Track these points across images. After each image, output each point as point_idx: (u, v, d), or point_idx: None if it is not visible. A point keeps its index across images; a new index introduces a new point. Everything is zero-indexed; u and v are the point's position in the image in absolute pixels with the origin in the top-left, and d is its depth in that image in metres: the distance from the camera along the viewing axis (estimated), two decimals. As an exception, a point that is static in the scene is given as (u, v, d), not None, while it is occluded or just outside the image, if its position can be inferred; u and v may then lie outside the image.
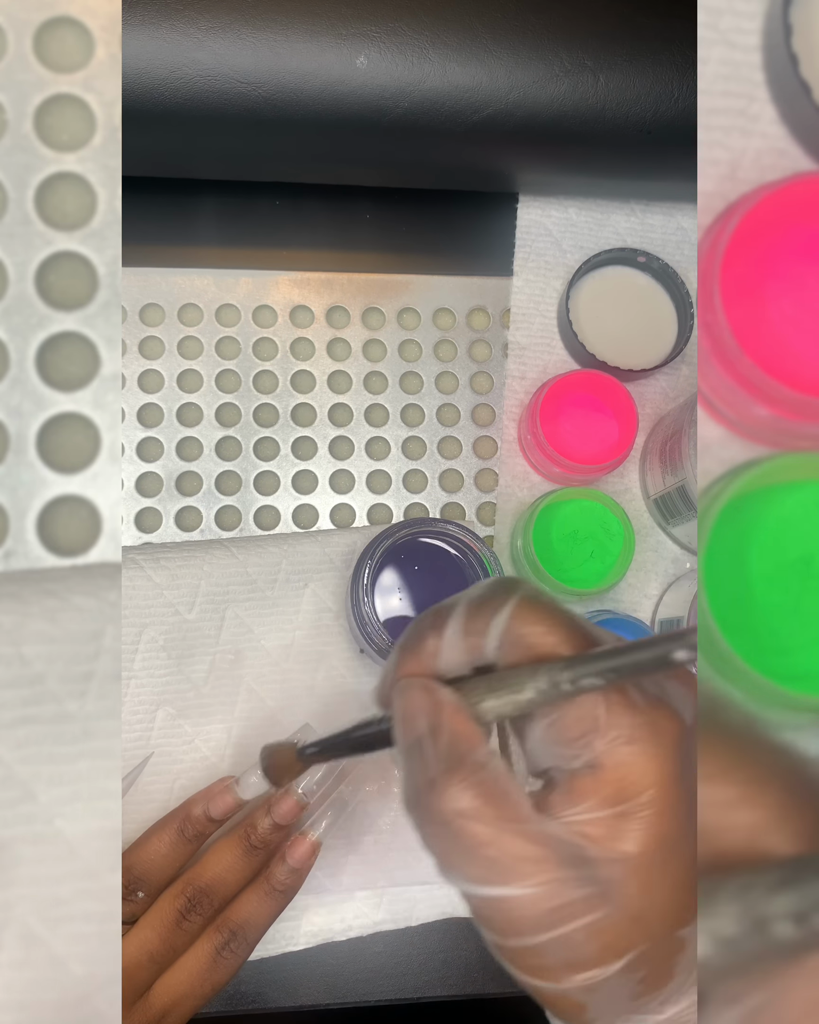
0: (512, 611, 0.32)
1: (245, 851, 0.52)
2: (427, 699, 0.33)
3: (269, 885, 0.52)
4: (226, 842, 0.52)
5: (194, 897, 0.50)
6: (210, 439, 0.65)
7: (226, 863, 0.51)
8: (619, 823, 0.30)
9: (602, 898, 0.29)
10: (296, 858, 0.52)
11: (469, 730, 0.32)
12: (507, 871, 0.30)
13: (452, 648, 0.34)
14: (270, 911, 0.52)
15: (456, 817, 0.30)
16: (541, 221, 0.69)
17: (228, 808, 0.52)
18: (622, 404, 0.64)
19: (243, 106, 0.56)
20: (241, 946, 0.51)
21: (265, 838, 0.52)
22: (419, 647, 0.34)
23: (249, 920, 0.51)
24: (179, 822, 0.52)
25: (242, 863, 0.51)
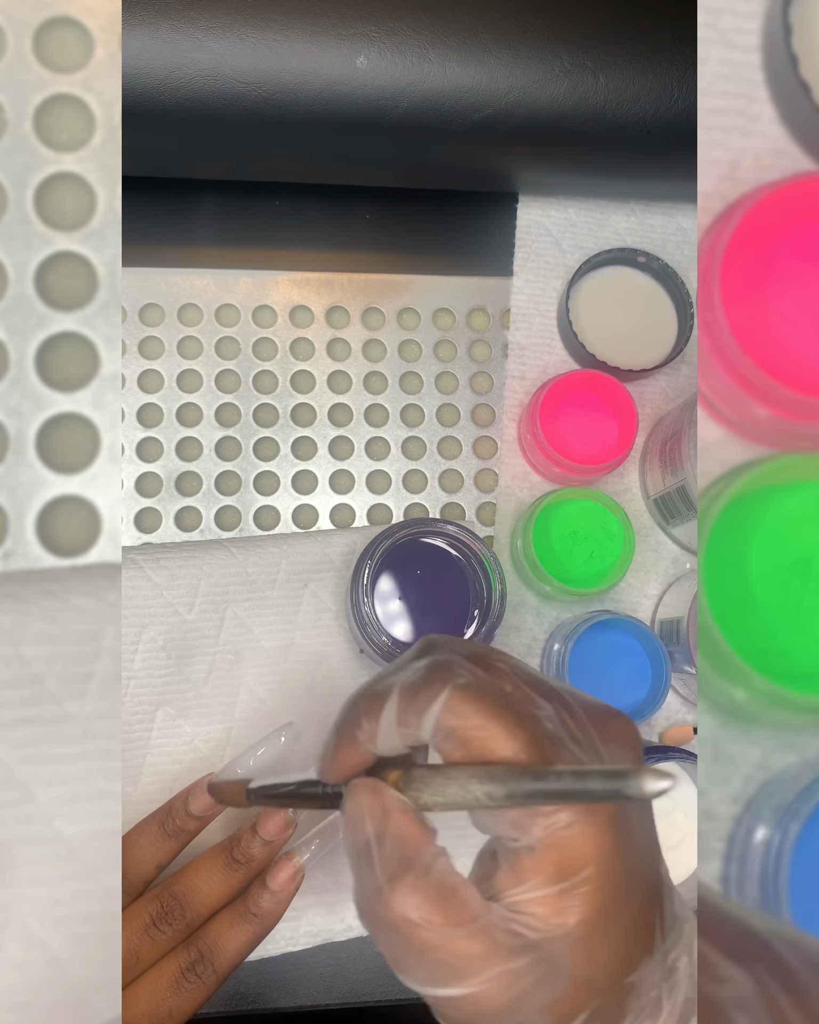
0: (444, 704, 0.33)
1: (226, 863, 0.50)
2: (373, 802, 0.34)
3: (245, 907, 0.49)
4: (209, 854, 0.51)
5: (167, 903, 0.48)
6: (210, 439, 0.65)
7: (204, 874, 0.49)
8: (561, 900, 0.31)
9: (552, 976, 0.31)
10: (277, 882, 0.49)
11: (414, 832, 0.33)
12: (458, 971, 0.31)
13: (388, 735, 0.34)
14: (243, 937, 0.49)
15: (404, 924, 0.31)
16: (541, 221, 0.69)
17: (207, 804, 0.50)
18: (622, 404, 0.64)
19: (243, 106, 0.56)
20: (207, 971, 0.47)
21: (248, 853, 0.50)
22: (355, 732, 0.35)
23: (217, 942, 0.48)
24: (161, 816, 0.51)
25: (221, 875, 0.49)
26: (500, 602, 0.55)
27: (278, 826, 0.50)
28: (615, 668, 0.62)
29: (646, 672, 0.62)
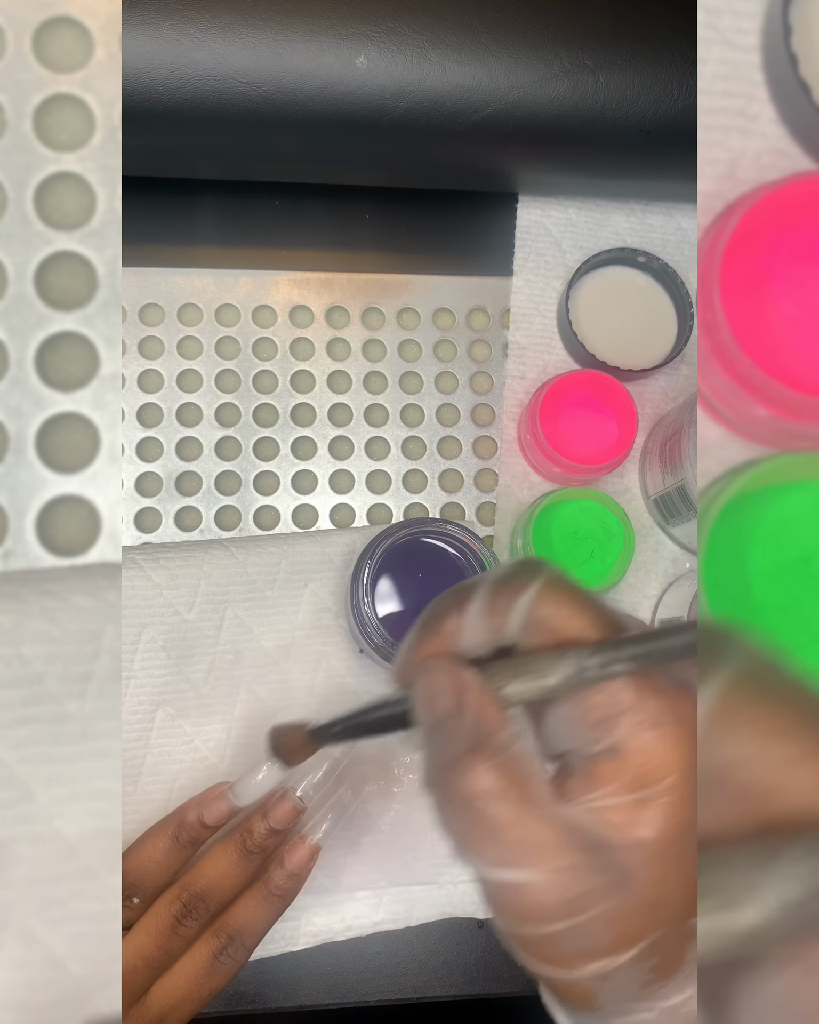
0: (537, 592, 0.32)
1: (241, 856, 0.51)
2: (452, 679, 0.32)
3: (267, 890, 0.51)
4: (222, 847, 0.51)
5: (189, 903, 0.49)
6: (210, 439, 0.65)
7: (221, 868, 0.50)
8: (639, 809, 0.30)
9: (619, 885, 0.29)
10: (294, 863, 0.51)
11: (493, 711, 0.31)
12: (527, 854, 0.29)
13: (474, 628, 0.33)
14: (268, 916, 0.51)
15: (478, 797, 0.30)
16: (541, 221, 0.69)
17: (222, 815, 0.51)
18: (622, 404, 0.64)
19: (243, 106, 0.56)
20: (239, 951, 0.50)
21: (261, 843, 0.51)
22: (440, 626, 0.34)
23: (247, 925, 0.50)
24: (174, 828, 0.51)
25: (238, 868, 0.50)
26: (500, 602, 0.55)
27: (288, 814, 0.51)
28: (615, 668, 0.62)
29: (646, 672, 0.62)
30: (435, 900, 0.60)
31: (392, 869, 0.59)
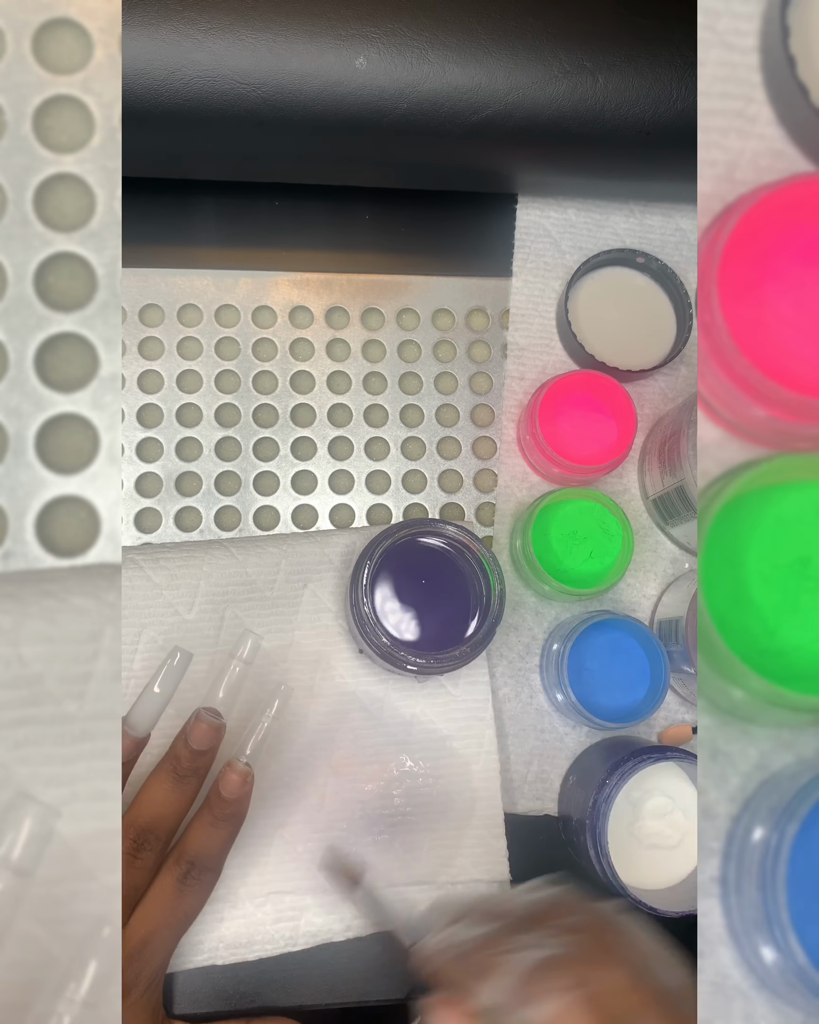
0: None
1: (175, 782, 0.51)
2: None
3: (212, 816, 0.51)
4: (156, 777, 0.52)
5: (138, 837, 0.50)
6: (209, 439, 0.65)
7: (159, 798, 0.51)
8: None
9: None
10: (229, 790, 0.51)
11: None
12: None
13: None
14: (222, 839, 0.52)
15: None
16: (540, 222, 0.69)
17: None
18: (621, 405, 0.64)
19: (242, 107, 0.56)
20: (203, 873, 0.51)
21: (191, 766, 0.51)
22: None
23: (202, 851, 0.51)
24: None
25: (176, 794, 0.51)
26: (499, 602, 0.56)
27: (207, 734, 0.52)
28: (614, 668, 0.62)
29: (645, 672, 0.62)
30: (435, 900, 0.60)
31: (391, 870, 0.59)
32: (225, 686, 0.56)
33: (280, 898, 0.59)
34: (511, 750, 0.63)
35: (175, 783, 0.51)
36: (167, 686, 0.52)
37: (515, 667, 0.64)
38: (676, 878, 0.60)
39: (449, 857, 0.60)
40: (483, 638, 0.55)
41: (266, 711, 0.54)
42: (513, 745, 0.64)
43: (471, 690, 0.62)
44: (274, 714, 0.54)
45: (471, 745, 0.62)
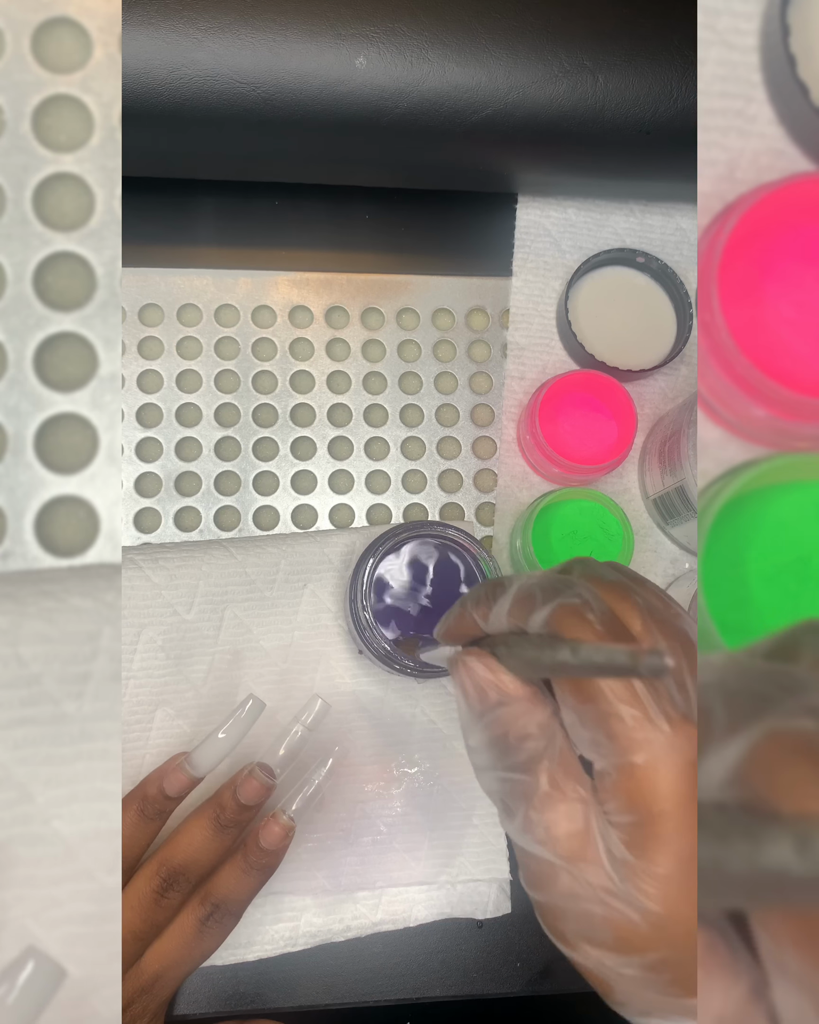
0: (549, 615, 0.34)
1: (216, 831, 0.51)
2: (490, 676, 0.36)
3: (246, 863, 0.51)
4: (197, 821, 0.52)
5: (169, 877, 0.50)
6: (209, 439, 0.65)
7: (198, 843, 0.51)
8: (638, 832, 0.31)
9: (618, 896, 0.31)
10: (269, 841, 0.51)
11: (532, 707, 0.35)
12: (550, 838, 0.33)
13: (497, 621, 0.37)
14: (251, 887, 0.52)
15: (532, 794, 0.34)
16: (540, 221, 0.69)
17: (183, 786, 0.52)
18: (621, 404, 0.64)
19: (242, 106, 0.56)
20: (225, 917, 0.51)
21: (234, 818, 0.51)
22: (473, 612, 0.38)
23: (230, 896, 0.51)
24: (138, 803, 0.52)
25: (214, 843, 0.51)
26: (499, 602, 0.55)
27: (256, 791, 0.51)
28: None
29: (645, 672, 0.62)
30: (434, 901, 0.60)
31: (390, 869, 0.59)
32: (286, 745, 0.55)
33: (279, 899, 0.59)
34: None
35: (216, 831, 0.51)
36: (234, 733, 0.52)
37: (515, 667, 0.64)
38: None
39: (449, 857, 0.60)
40: (483, 638, 0.55)
41: (318, 768, 0.54)
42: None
43: (471, 690, 0.62)
44: (327, 772, 0.54)
45: (471, 745, 0.62)
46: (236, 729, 0.52)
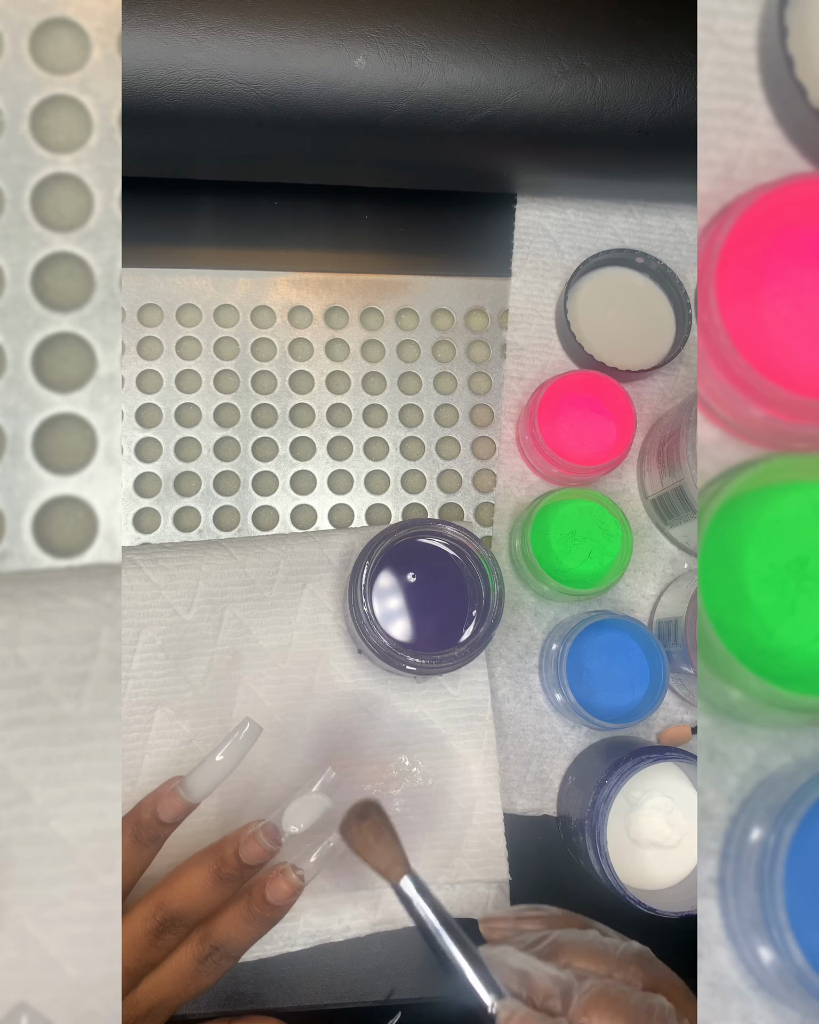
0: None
1: (215, 882, 0.49)
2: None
3: (250, 912, 0.49)
4: (196, 869, 0.50)
5: (165, 921, 0.48)
6: (208, 439, 0.65)
7: (196, 892, 0.49)
8: None
9: None
10: (276, 897, 0.49)
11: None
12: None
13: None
14: (252, 934, 0.50)
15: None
16: (539, 222, 0.69)
17: (177, 811, 0.50)
18: (620, 405, 0.64)
19: (241, 107, 0.56)
20: (224, 959, 0.50)
21: (235, 873, 0.49)
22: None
23: (230, 941, 0.49)
24: (132, 827, 0.50)
25: (214, 894, 0.49)
26: (498, 602, 0.55)
27: (260, 855, 0.49)
28: (613, 668, 0.62)
29: (644, 672, 0.62)
30: (433, 901, 0.60)
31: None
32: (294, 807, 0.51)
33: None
34: (510, 750, 0.63)
35: (215, 883, 0.49)
36: (231, 757, 0.50)
37: (514, 667, 0.64)
38: (675, 878, 0.60)
39: (448, 857, 0.60)
40: (482, 638, 0.55)
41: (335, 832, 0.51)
42: (512, 745, 0.64)
43: (470, 690, 0.62)
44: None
45: (470, 745, 0.62)
46: (233, 752, 0.50)
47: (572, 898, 0.56)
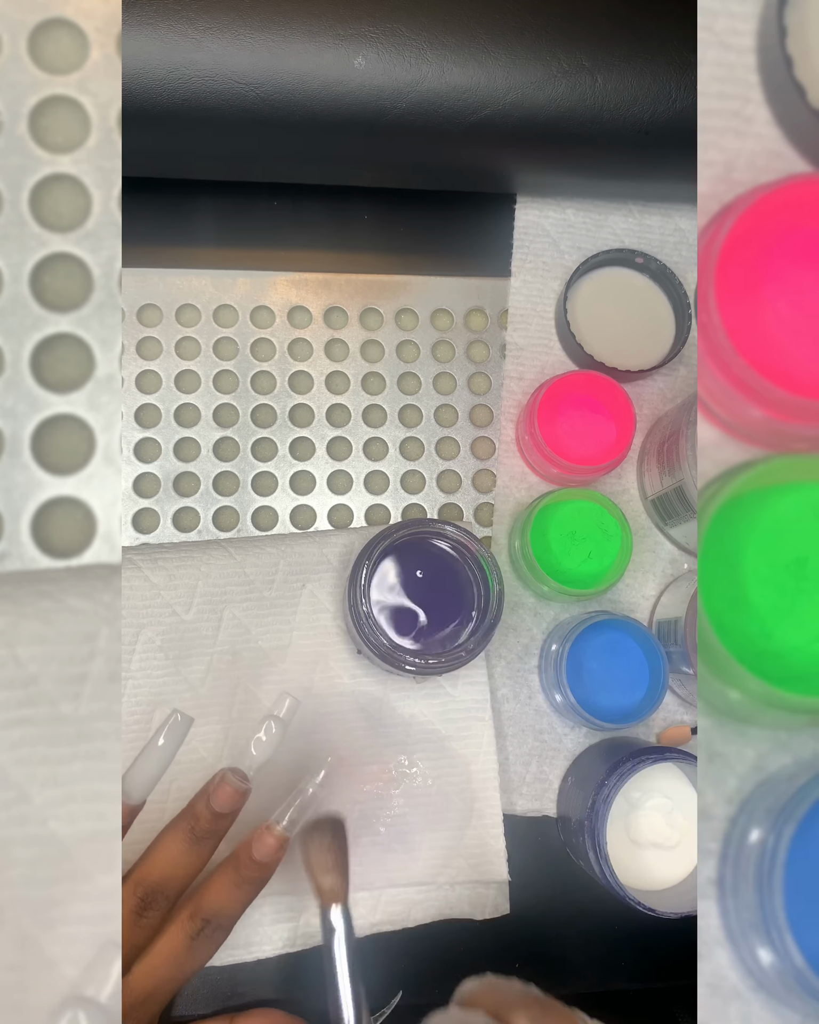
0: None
1: (191, 843, 0.50)
2: None
3: (238, 876, 0.50)
4: (171, 835, 0.50)
5: (146, 896, 0.48)
6: (208, 440, 0.65)
7: (174, 858, 0.49)
8: None
9: None
10: (263, 853, 0.50)
11: None
12: None
13: None
14: (242, 900, 0.50)
15: None
16: (539, 222, 0.69)
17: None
18: (620, 405, 0.64)
19: (241, 107, 0.56)
20: (216, 931, 0.49)
21: (210, 828, 0.50)
22: None
23: (221, 911, 0.49)
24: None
25: (191, 856, 0.50)
26: (498, 602, 0.55)
27: (232, 798, 0.50)
28: (613, 668, 0.62)
29: (644, 673, 0.62)
30: (432, 902, 0.60)
31: (389, 870, 0.59)
32: (255, 745, 0.53)
33: (278, 899, 0.59)
34: (510, 751, 0.63)
35: (191, 844, 0.50)
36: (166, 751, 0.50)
37: (514, 667, 0.64)
38: (675, 879, 0.60)
39: (448, 858, 0.60)
40: (482, 638, 0.55)
41: (311, 779, 0.53)
42: (512, 746, 0.64)
43: (470, 690, 0.62)
44: (320, 782, 0.53)
45: (470, 746, 0.62)
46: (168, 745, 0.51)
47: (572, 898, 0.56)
